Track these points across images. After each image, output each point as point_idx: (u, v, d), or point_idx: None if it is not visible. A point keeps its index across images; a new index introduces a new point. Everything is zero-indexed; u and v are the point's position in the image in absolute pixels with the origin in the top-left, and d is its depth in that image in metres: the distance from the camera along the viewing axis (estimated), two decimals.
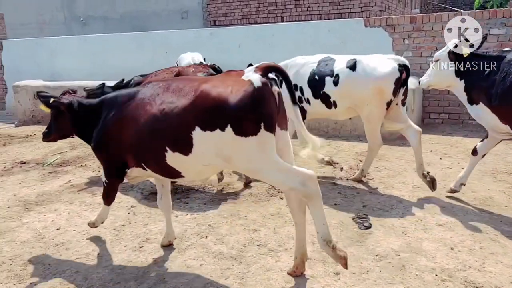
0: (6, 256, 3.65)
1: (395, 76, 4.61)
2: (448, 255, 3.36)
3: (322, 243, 2.93)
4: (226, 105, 2.73)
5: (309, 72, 5.09)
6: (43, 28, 17.56)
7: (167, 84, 3.12)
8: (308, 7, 14.27)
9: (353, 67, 4.78)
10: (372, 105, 4.72)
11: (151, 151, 3.09)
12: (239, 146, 2.77)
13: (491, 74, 4.02)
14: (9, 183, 5.63)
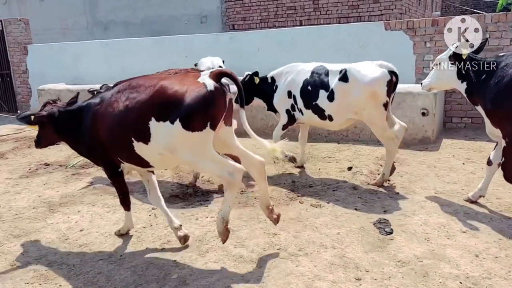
0: (32, 256, 3.74)
1: (386, 79, 4.80)
2: (472, 263, 3.30)
3: (220, 219, 3.45)
4: (180, 101, 3.11)
5: (303, 81, 5.30)
6: (66, 33, 17.94)
7: (130, 82, 3.51)
8: (327, 10, 14.22)
9: (345, 78, 4.97)
10: (369, 109, 4.90)
11: (122, 143, 3.44)
12: (185, 139, 3.16)
13: (487, 78, 4.10)
14: (34, 184, 5.76)
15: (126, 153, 3.51)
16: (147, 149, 3.34)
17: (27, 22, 12.83)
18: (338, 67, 5.15)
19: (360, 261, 3.40)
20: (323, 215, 4.33)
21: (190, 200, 4.94)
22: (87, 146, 3.77)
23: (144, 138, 3.29)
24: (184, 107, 3.10)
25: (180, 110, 3.10)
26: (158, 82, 3.27)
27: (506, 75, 3.91)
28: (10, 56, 12.64)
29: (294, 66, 5.61)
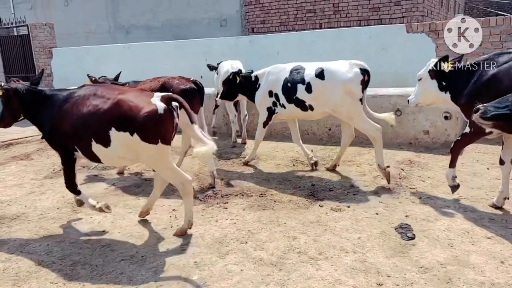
0: (56, 256, 3.82)
1: (359, 78, 5.26)
2: (498, 269, 3.22)
3: (186, 222, 4.08)
4: (134, 118, 3.65)
5: (283, 80, 5.73)
6: (89, 37, 18.32)
7: (95, 89, 3.98)
8: (347, 13, 14.13)
9: (321, 75, 5.40)
10: (347, 105, 5.31)
11: (82, 141, 3.93)
12: (144, 148, 3.74)
13: (469, 80, 4.42)
14: (58, 185, 5.88)
15: (83, 149, 4.00)
16: (106, 151, 3.87)
17: (52, 27, 13.17)
18: (314, 66, 5.55)
19: (382, 266, 3.36)
20: (344, 219, 4.30)
21: (210, 202, 4.97)
22: (48, 132, 4.17)
23: (104, 143, 3.82)
24: (138, 122, 3.65)
25: (136, 125, 3.66)
26: (117, 96, 3.79)
27: (485, 73, 4.27)
28: (36, 60, 12.99)
29: (275, 68, 6.02)
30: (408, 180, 5.42)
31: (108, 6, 18.22)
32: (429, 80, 4.78)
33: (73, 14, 18.74)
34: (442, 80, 4.70)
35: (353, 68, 5.31)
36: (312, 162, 6.07)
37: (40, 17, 18.29)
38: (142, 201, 5.09)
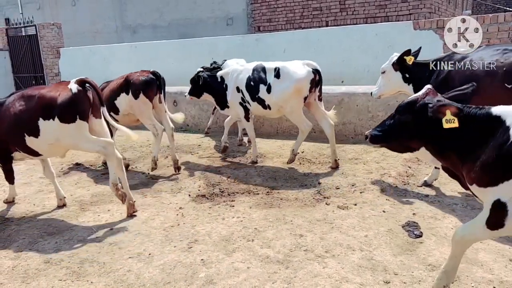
0: (64, 253, 3.85)
1: (310, 78, 5.72)
2: (506, 267, 3.20)
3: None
4: (55, 103, 4.30)
5: (247, 78, 6.12)
6: (96, 37, 18.42)
7: (22, 93, 4.56)
8: (353, 10, 14.05)
9: (278, 75, 5.85)
10: (292, 101, 5.83)
11: (17, 138, 4.47)
12: (64, 130, 4.33)
13: (431, 75, 4.77)
14: (66, 184, 5.93)
15: (20, 145, 4.53)
16: (37, 141, 4.42)
17: (59, 26, 13.25)
18: (273, 65, 6.01)
19: (389, 264, 3.35)
20: (350, 217, 4.29)
21: (217, 200, 4.98)
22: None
23: (34, 133, 4.38)
24: (58, 106, 4.28)
25: (56, 109, 4.28)
26: (40, 91, 4.43)
27: (442, 72, 4.69)
28: (44, 59, 13.08)
29: (239, 67, 6.44)
30: (416, 177, 5.39)
31: (115, 5, 18.30)
32: (393, 72, 5.19)
33: (80, 14, 18.86)
34: (405, 72, 5.10)
35: (305, 68, 5.75)
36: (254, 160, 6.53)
37: (47, 17, 18.42)
38: (149, 199, 5.12)
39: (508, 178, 2.38)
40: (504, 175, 2.39)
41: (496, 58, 4.34)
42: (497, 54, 4.37)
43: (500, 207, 2.44)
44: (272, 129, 8.52)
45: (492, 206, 2.48)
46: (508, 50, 4.35)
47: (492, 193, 2.46)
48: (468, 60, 4.55)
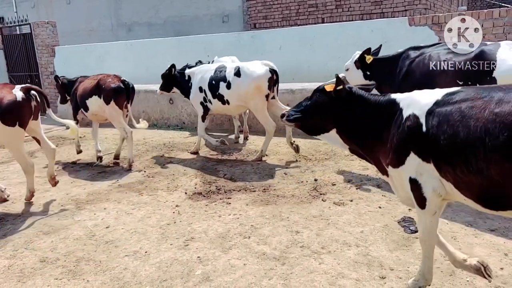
0: (60, 252, 3.84)
1: (268, 76, 6.17)
2: (501, 261, 3.21)
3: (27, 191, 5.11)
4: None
5: (209, 78, 6.56)
6: (91, 35, 18.32)
7: None
8: (349, 7, 14.04)
9: (238, 74, 6.28)
10: (256, 99, 6.22)
11: None
12: (4, 131, 4.65)
13: (392, 71, 4.96)
14: (62, 182, 5.91)
15: None
16: None
17: (54, 25, 13.17)
18: (234, 65, 6.50)
19: (385, 260, 3.36)
20: (346, 213, 4.30)
21: (213, 197, 4.98)
22: None
23: None
24: (1, 109, 4.57)
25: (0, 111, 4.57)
26: None
27: (403, 66, 4.88)
28: (39, 58, 13.00)
29: (203, 67, 6.94)
30: None
31: (110, 3, 18.20)
32: (355, 70, 5.43)
33: (75, 12, 18.74)
34: (367, 70, 5.34)
35: (263, 68, 6.23)
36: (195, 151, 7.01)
37: (42, 16, 18.31)
38: (146, 198, 5.12)
39: (407, 153, 2.57)
40: (406, 152, 2.58)
41: (450, 56, 4.59)
42: (452, 52, 4.62)
43: (414, 184, 2.60)
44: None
45: (410, 185, 2.63)
46: None
47: (405, 172, 2.63)
48: (426, 55, 4.76)
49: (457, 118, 2.35)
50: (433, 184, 2.53)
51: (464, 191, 2.41)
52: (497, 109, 2.21)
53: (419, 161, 2.53)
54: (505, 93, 2.28)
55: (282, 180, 5.48)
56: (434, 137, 2.43)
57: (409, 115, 2.59)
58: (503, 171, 2.16)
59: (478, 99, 2.33)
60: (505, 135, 2.13)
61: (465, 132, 2.29)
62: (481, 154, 2.21)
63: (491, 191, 2.28)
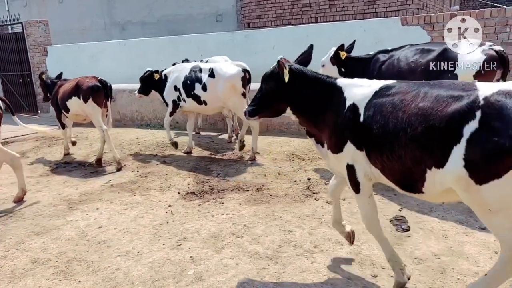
0: (52, 253, 3.82)
1: (241, 76, 6.38)
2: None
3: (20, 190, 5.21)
4: None
5: (184, 77, 6.75)
6: (84, 34, 18.21)
7: None
8: (342, 7, 14.07)
9: (212, 75, 6.50)
10: (232, 98, 6.40)
11: None
12: None
13: (364, 72, 5.10)
14: (54, 182, 5.88)
15: None
16: None
17: (46, 24, 13.08)
18: (208, 66, 6.72)
19: (376, 258, 3.37)
20: None
21: (206, 197, 4.97)
22: None
23: None
24: None
25: None
26: None
27: (375, 69, 5.14)
28: (31, 57, 12.91)
29: (179, 66, 7.15)
30: None
31: (103, 2, 18.11)
32: (331, 66, 5.59)
33: (68, 11, 18.62)
34: (342, 67, 5.52)
35: (235, 68, 6.45)
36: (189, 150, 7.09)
37: (34, 15, 18.17)
38: (138, 197, 5.10)
39: (345, 142, 2.79)
40: (344, 140, 2.80)
41: (416, 57, 4.83)
42: (418, 54, 4.87)
43: (351, 169, 2.83)
44: (262, 126, 8.50)
45: (347, 170, 2.85)
46: (425, 50, 4.87)
47: (342, 158, 2.86)
48: (395, 58, 5.03)
49: (389, 109, 2.56)
50: (365, 169, 2.78)
51: (388, 176, 2.65)
52: (420, 103, 2.43)
53: (354, 149, 2.77)
54: (430, 88, 2.49)
55: (276, 179, 5.49)
56: (369, 126, 2.64)
57: (350, 105, 2.79)
58: (414, 159, 2.41)
59: (409, 93, 2.54)
60: (422, 126, 2.35)
61: (394, 122, 2.50)
62: (402, 143, 2.44)
63: (406, 176, 2.52)
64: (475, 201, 2.27)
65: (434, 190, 2.43)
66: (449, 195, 2.43)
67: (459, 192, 2.30)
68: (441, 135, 2.28)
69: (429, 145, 2.33)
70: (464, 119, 2.21)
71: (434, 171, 2.35)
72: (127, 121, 10.36)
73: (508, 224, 2.20)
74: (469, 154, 2.17)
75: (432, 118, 2.33)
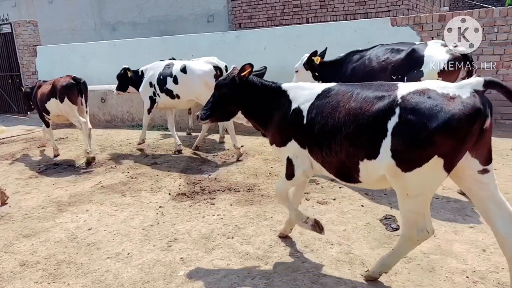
0: (41, 255, 3.79)
1: (213, 73, 6.60)
2: (479, 257, 3.27)
3: None
4: None
5: (158, 73, 6.98)
6: (75, 34, 18.09)
7: None
8: (333, 7, 14.14)
9: (184, 70, 6.71)
10: (205, 94, 6.24)
11: None
12: None
13: (337, 73, 5.32)
14: (44, 184, 5.83)
15: None
16: None
17: (36, 24, 12.97)
18: (181, 62, 6.96)
19: (366, 258, 3.39)
20: (329, 211, 4.33)
21: (197, 198, 4.96)
22: None
23: None
24: None
25: None
26: None
27: (348, 68, 5.33)
28: (20, 58, 12.79)
29: (155, 64, 7.29)
30: None
31: (94, 2, 17.99)
32: (305, 71, 5.77)
33: (57, 11, 18.48)
34: (315, 71, 5.70)
35: (208, 65, 6.69)
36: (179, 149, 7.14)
37: (23, 15, 18.01)
38: (129, 199, 5.08)
39: (289, 139, 3.17)
40: (289, 138, 3.17)
41: (387, 56, 5.06)
42: (388, 53, 5.09)
43: (290, 162, 3.24)
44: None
45: (286, 162, 3.26)
46: (395, 49, 5.08)
47: (284, 152, 3.24)
48: (366, 58, 5.23)
49: (329, 111, 2.91)
50: (304, 166, 3.19)
51: (328, 169, 3.03)
52: (352, 104, 2.78)
53: (297, 147, 3.15)
54: (361, 89, 2.84)
55: (267, 179, 5.49)
56: (311, 127, 2.99)
57: (295, 108, 3.14)
58: (348, 154, 2.77)
59: (344, 95, 2.89)
60: (353, 125, 2.71)
61: (332, 122, 2.85)
62: (339, 140, 2.80)
63: (343, 168, 2.89)
64: (399, 186, 2.63)
65: (370, 178, 2.79)
66: (385, 182, 2.76)
67: (389, 178, 2.63)
68: (370, 131, 2.63)
69: (361, 140, 2.67)
70: (387, 115, 2.56)
71: (367, 162, 2.70)
72: (117, 122, 10.30)
73: (415, 208, 2.65)
74: (394, 145, 2.52)
75: (361, 117, 2.68)
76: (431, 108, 2.42)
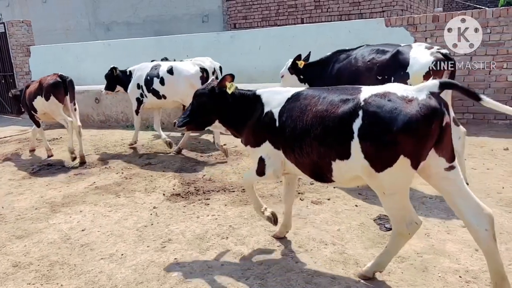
0: (33, 257, 3.76)
1: (199, 75, 6.73)
2: (472, 257, 3.29)
3: None
4: None
5: (146, 74, 7.08)
6: (68, 34, 18.00)
7: None
8: (328, 8, 14.19)
9: (171, 71, 6.82)
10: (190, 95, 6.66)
11: None
12: None
13: (322, 74, 5.41)
14: (37, 185, 5.80)
15: None
16: None
17: (29, 24, 12.90)
18: (168, 64, 7.06)
19: (360, 257, 3.40)
20: (324, 211, 4.34)
21: (191, 198, 4.96)
22: None
23: None
24: None
25: None
26: None
27: (333, 68, 5.35)
28: (13, 58, 12.72)
29: (143, 65, 7.38)
30: None
31: (88, 2, 17.92)
32: (290, 76, 5.86)
33: (51, 11, 18.39)
34: (300, 74, 5.77)
35: (194, 67, 6.78)
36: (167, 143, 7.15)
37: (17, 15, 17.91)
38: (123, 199, 5.06)
39: (264, 141, 3.31)
40: (263, 140, 3.31)
41: (372, 56, 5.12)
42: (373, 53, 5.14)
43: (262, 161, 3.36)
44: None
45: (258, 160, 3.38)
46: (380, 50, 5.12)
47: (258, 152, 3.38)
48: (352, 57, 5.28)
49: (298, 114, 3.05)
50: (275, 167, 3.32)
51: (302, 169, 3.15)
52: (319, 107, 2.91)
53: (271, 148, 3.29)
54: (328, 93, 2.97)
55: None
56: (283, 129, 3.14)
57: (267, 112, 3.28)
58: (319, 154, 2.90)
59: (313, 98, 3.02)
60: (320, 127, 2.86)
61: (301, 125, 2.99)
62: (308, 141, 2.93)
63: (316, 169, 3.02)
64: (375, 185, 2.77)
65: (343, 178, 2.93)
66: (358, 180, 2.94)
67: (365, 178, 2.78)
68: (336, 132, 2.77)
69: (329, 142, 2.81)
70: (351, 118, 2.69)
71: (339, 163, 2.82)
72: (112, 122, 10.27)
73: (396, 205, 2.78)
74: (363, 147, 2.65)
75: (327, 119, 2.82)
76: (391, 110, 2.55)
